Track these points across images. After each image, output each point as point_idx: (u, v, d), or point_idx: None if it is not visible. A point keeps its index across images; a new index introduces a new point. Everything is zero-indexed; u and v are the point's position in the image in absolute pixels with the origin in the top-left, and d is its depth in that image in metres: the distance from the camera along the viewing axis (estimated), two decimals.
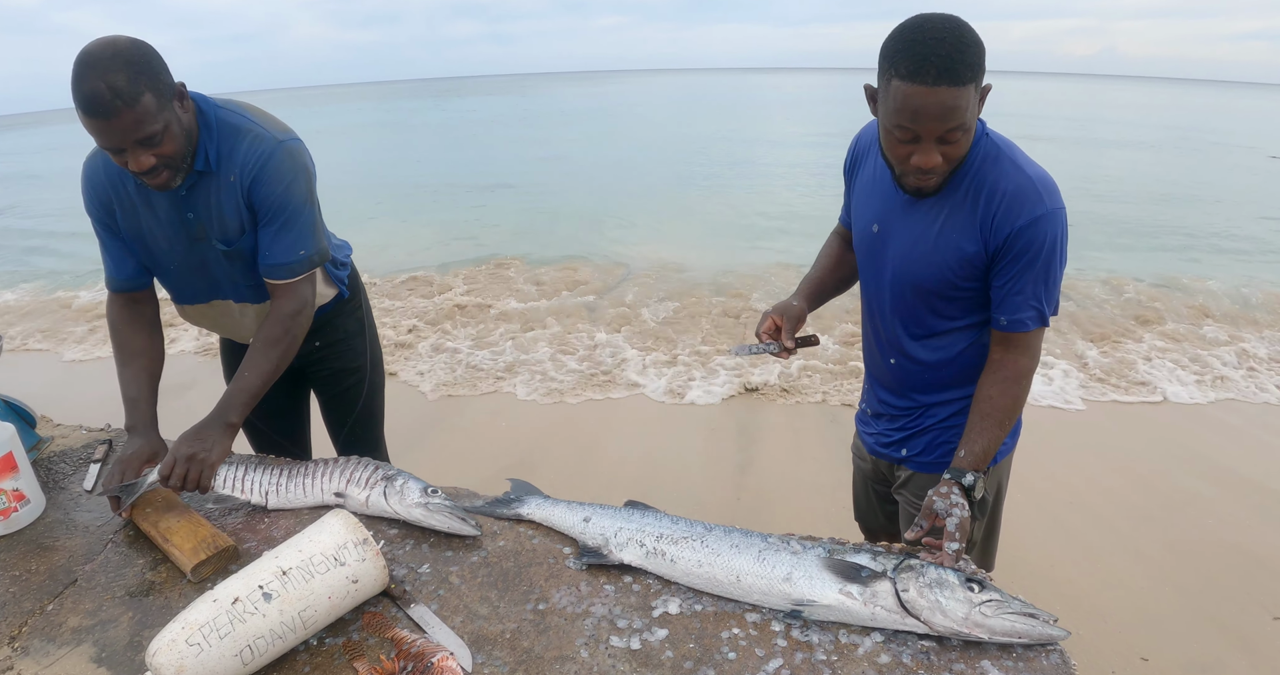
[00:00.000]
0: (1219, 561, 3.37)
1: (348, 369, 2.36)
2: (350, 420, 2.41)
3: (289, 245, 1.87)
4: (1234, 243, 9.81)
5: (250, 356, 1.86)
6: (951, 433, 1.82)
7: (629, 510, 1.61)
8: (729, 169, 16.41)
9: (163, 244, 1.91)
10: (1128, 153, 19.02)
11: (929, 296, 1.67)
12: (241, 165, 1.79)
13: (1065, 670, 1.28)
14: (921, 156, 1.47)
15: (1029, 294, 1.56)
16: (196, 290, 2.04)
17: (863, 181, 1.78)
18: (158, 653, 1.18)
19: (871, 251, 1.76)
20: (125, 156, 1.64)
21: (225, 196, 1.82)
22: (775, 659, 1.29)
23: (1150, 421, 4.84)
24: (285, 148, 1.83)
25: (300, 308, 1.91)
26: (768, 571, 1.41)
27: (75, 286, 8.50)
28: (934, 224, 1.61)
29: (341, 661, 1.30)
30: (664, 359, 5.74)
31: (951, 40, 1.36)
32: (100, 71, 1.53)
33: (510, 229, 10.85)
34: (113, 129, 1.58)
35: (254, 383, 1.83)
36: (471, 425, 4.81)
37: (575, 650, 1.31)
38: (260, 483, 1.73)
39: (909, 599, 1.34)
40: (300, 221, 1.88)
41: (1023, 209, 1.51)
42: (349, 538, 1.35)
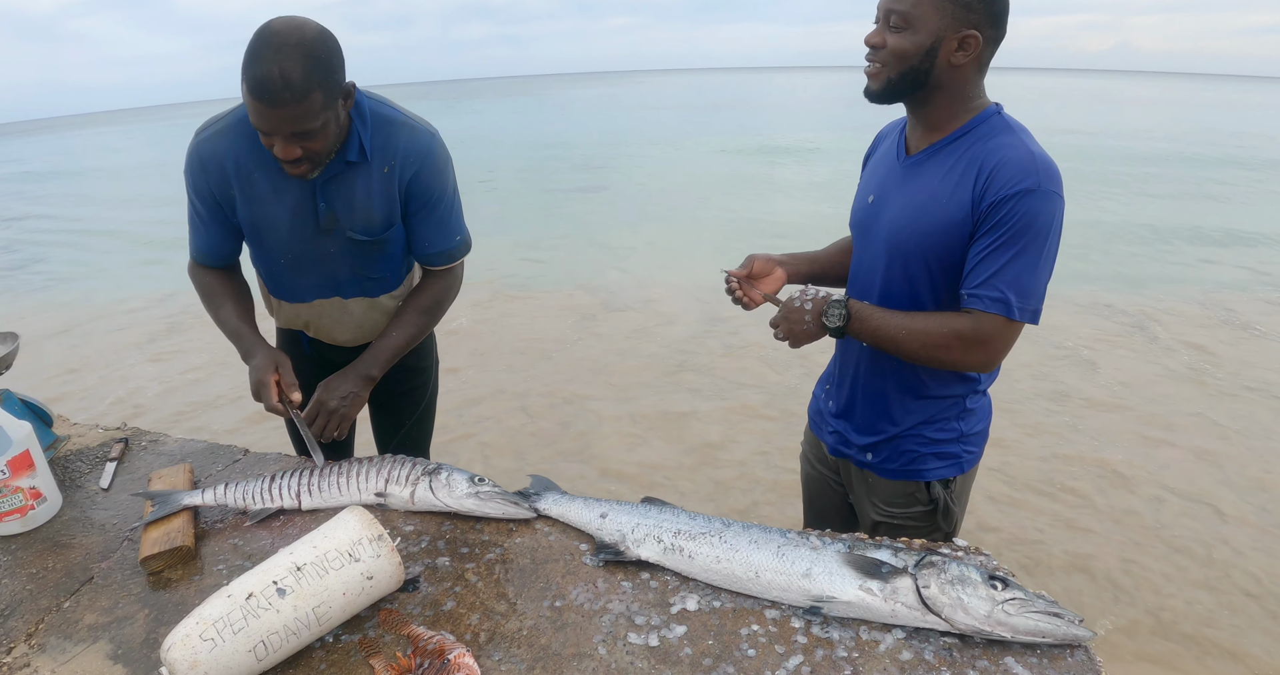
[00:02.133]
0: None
1: (417, 367, 2.32)
2: (410, 421, 2.37)
3: (448, 232, 1.97)
4: None
5: (400, 317, 1.98)
6: (915, 441, 1.76)
7: (646, 506, 1.59)
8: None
9: (283, 235, 1.87)
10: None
11: (918, 265, 1.60)
12: (403, 156, 1.80)
13: (1091, 668, 1.26)
14: (870, 33, 1.54)
15: (1001, 270, 1.46)
16: (305, 287, 2.01)
17: (871, 163, 1.81)
18: (172, 648, 1.18)
19: (866, 224, 1.73)
20: (273, 139, 1.61)
21: (376, 187, 1.82)
22: (795, 656, 1.27)
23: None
24: (439, 139, 1.89)
25: (453, 285, 2.05)
26: (787, 567, 1.39)
27: (91, 288, 8.57)
28: (928, 188, 1.57)
29: (358, 659, 1.29)
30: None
31: None
32: (279, 56, 1.49)
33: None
34: (273, 116, 1.54)
35: (399, 341, 1.94)
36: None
37: (593, 647, 1.30)
38: (290, 486, 1.71)
39: (930, 595, 1.31)
40: (455, 209, 1.98)
41: (1014, 178, 1.44)
42: (364, 534, 1.34)
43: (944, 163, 1.56)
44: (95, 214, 13.79)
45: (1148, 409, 4.92)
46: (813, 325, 1.63)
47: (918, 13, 1.46)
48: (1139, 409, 4.92)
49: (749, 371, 5.54)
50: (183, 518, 1.64)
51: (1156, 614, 3.04)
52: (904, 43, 1.49)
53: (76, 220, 13.35)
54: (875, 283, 1.70)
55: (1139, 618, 3.02)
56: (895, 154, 1.69)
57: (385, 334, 1.94)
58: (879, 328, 1.59)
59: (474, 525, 1.64)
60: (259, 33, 1.52)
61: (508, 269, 8.54)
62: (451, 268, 2.03)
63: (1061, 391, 5.16)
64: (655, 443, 4.52)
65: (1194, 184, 13.38)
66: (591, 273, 8.44)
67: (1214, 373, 5.44)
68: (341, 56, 1.61)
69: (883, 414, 1.78)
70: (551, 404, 5.08)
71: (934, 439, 1.75)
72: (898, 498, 1.81)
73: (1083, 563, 3.37)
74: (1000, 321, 1.48)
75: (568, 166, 16.60)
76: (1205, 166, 14.81)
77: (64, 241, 11.70)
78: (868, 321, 1.59)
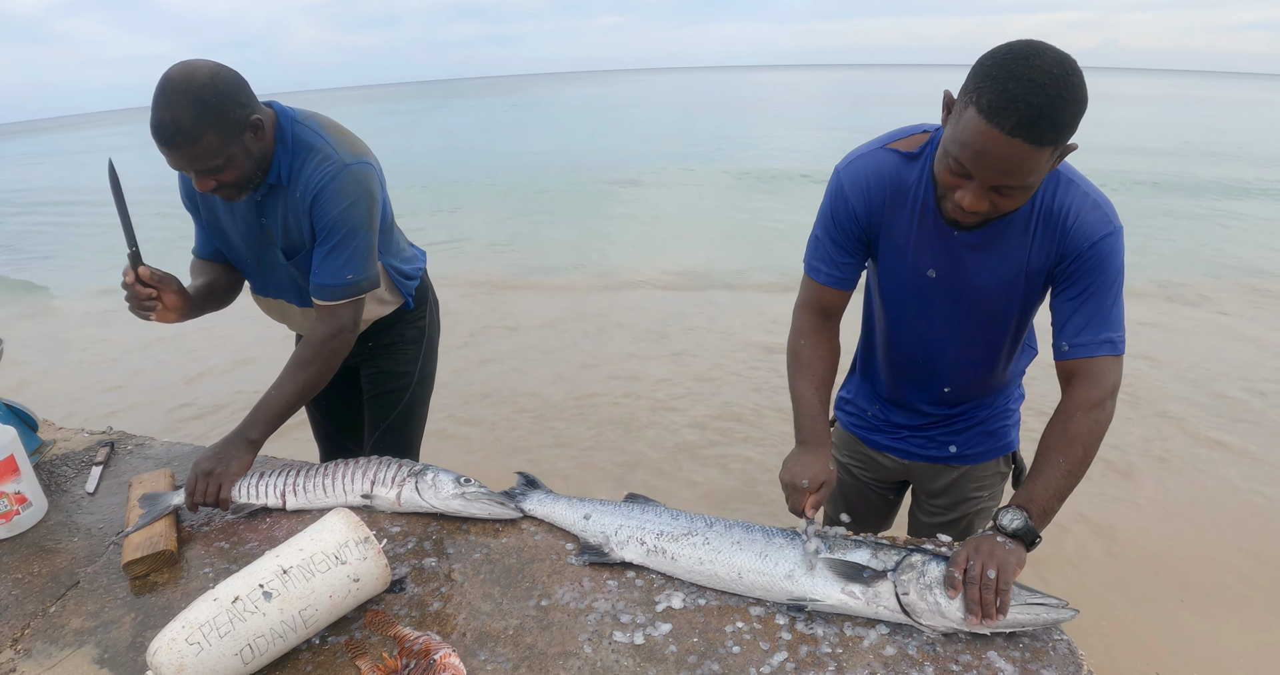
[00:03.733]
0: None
1: (395, 372, 2.33)
2: (384, 425, 2.38)
3: (338, 268, 1.85)
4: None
5: (280, 376, 1.87)
6: (1002, 419, 1.83)
7: (629, 506, 1.60)
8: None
9: (238, 241, 1.98)
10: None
11: (1000, 326, 1.61)
12: (305, 183, 1.81)
13: (1073, 660, 1.28)
14: (967, 196, 1.32)
15: (1095, 317, 1.46)
16: (266, 285, 2.11)
17: (900, 226, 1.57)
18: (158, 652, 1.18)
19: (927, 298, 1.61)
20: (190, 175, 1.72)
21: (291, 211, 1.86)
22: (780, 652, 1.28)
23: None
24: (350, 171, 1.82)
25: (337, 332, 1.89)
26: (770, 569, 1.40)
27: (76, 291, 8.53)
28: (1005, 259, 1.50)
29: (344, 660, 1.29)
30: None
31: (1053, 91, 1.18)
32: (170, 103, 1.59)
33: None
34: (173, 157, 1.65)
35: (278, 403, 1.83)
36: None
37: (579, 646, 1.30)
38: (275, 485, 1.72)
39: (909, 602, 1.33)
40: (352, 246, 1.86)
41: (1092, 230, 1.43)
42: (350, 536, 1.34)
43: (1013, 233, 1.48)
44: (85, 214, 13.71)
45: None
46: (1012, 544, 1.37)
47: (1035, 177, 1.28)
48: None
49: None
50: (165, 522, 1.64)
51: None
52: (1015, 203, 1.34)
53: (63, 221, 13.27)
54: (962, 342, 1.66)
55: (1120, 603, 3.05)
56: (945, 227, 1.50)
57: (265, 394, 1.85)
58: (1052, 495, 1.42)
59: (460, 526, 1.65)
60: (159, 82, 1.62)
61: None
62: (334, 307, 1.88)
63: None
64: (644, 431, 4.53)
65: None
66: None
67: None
68: (237, 94, 1.67)
69: (969, 412, 1.82)
70: (544, 404, 5.09)
71: (1010, 409, 1.84)
72: (987, 477, 1.88)
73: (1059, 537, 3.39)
74: (1111, 360, 1.47)
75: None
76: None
77: (49, 241, 11.64)
78: (1046, 500, 1.41)
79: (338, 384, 2.06)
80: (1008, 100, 1.18)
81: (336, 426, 2.53)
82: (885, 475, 2.00)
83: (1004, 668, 1.26)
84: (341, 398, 2.40)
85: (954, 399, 1.78)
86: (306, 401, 1.91)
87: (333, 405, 2.43)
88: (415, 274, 2.27)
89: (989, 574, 1.30)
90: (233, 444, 1.77)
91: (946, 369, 1.72)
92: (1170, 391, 5.03)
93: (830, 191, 1.61)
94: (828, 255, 1.65)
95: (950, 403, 1.80)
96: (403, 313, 2.28)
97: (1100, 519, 3.62)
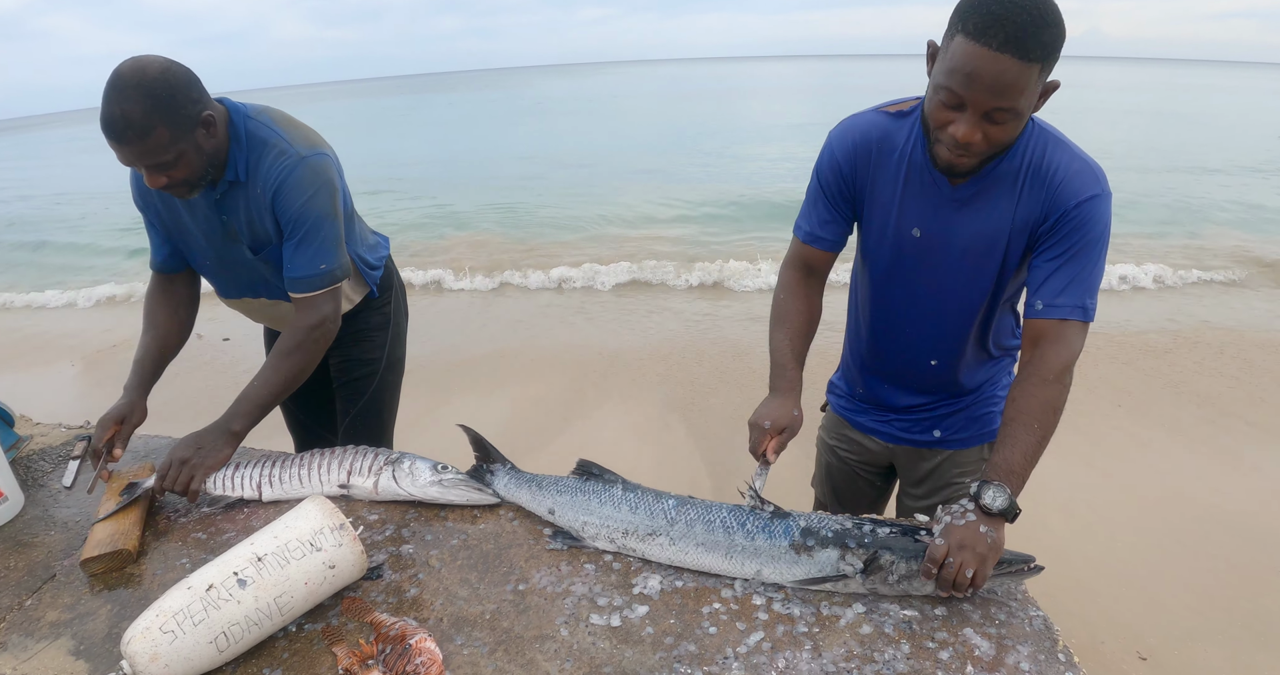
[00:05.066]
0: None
1: (362, 359, 2.35)
2: (354, 411, 2.40)
3: (309, 259, 1.86)
4: None
5: (263, 368, 1.87)
6: (989, 405, 1.83)
7: (588, 499, 1.54)
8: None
9: (201, 242, 1.96)
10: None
11: (992, 287, 1.60)
12: (264, 179, 1.82)
13: (1049, 636, 1.29)
14: (960, 127, 1.33)
15: (1075, 280, 1.46)
16: (234, 286, 2.10)
17: (886, 186, 1.59)
18: (132, 641, 1.18)
19: (913, 258, 1.62)
20: (141, 171, 1.70)
21: (253, 207, 1.86)
22: (756, 632, 1.29)
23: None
24: (307, 163, 1.83)
25: (319, 322, 1.89)
26: (737, 568, 1.41)
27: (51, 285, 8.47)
28: (993, 216, 1.50)
29: (321, 647, 1.29)
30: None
31: (1034, 12, 1.23)
32: (121, 98, 1.58)
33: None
34: (124, 152, 1.64)
35: (262, 394, 1.83)
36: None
37: (555, 629, 1.31)
38: (251, 477, 1.72)
39: (876, 591, 1.38)
40: (320, 236, 1.87)
41: (1080, 190, 1.44)
42: (325, 523, 1.34)
43: (1001, 188, 1.49)
44: (63, 211, 13.59)
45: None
46: (994, 530, 1.34)
47: (1027, 98, 1.30)
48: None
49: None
50: (134, 515, 1.62)
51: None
52: (1009, 132, 1.36)
53: (40, 219, 13.16)
54: (948, 305, 1.65)
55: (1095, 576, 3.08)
56: (932, 182, 1.53)
57: (249, 386, 1.85)
58: (1025, 458, 1.41)
59: (438, 513, 1.65)
60: (109, 77, 1.61)
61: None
62: (312, 298, 1.89)
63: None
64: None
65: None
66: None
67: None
68: (188, 90, 1.66)
69: (954, 396, 1.82)
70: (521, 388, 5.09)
71: (1000, 396, 1.82)
72: (971, 463, 1.88)
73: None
74: (1080, 326, 1.48)
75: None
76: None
77: (24, 240, 11.55)
78: (1019, 466, 1.40)
79: (313, 374, 2.05)
80: (993, 19, 1.23)
81: (310, 416, 2.55)
82: (871, 459, 2.01)
83: (980, 644, 1.27)
84: (312, 387, 2.39)
85: (940, 376, 1.77)
86: (290, 393, 1.90)
87: (304, 395, 2.43)
88: (379, 262, 2.29)
89: (967, 573, 1.29)
90: (213, 435, 1.77)
91: (931, 337, 1.71)
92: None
93: (821, 152, 1.65)
94: (813, 214, 1.69)
95: (937, 381, 1.78)
96: (368, 300, 2.30)
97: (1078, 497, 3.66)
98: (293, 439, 2.62)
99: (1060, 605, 2.86)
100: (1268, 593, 3.01)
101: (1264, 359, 5.28)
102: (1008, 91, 1.27)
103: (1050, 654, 1.25)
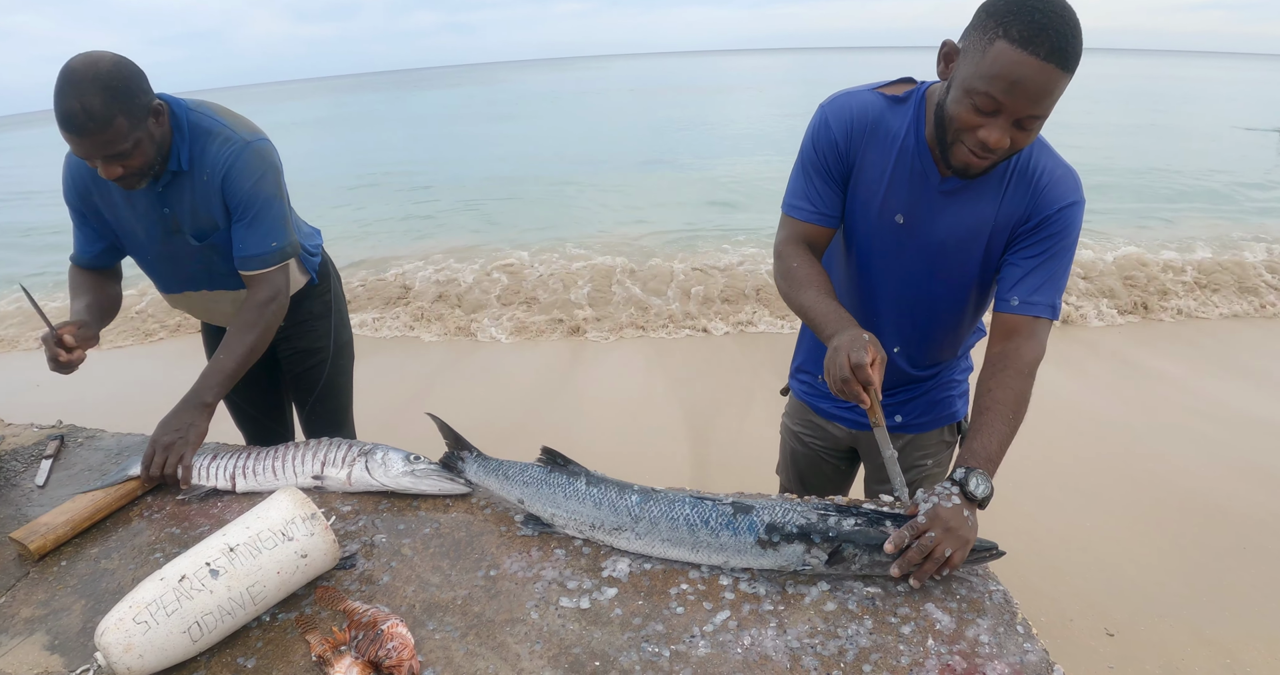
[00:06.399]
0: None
1: (310, 349, 2.44)
2: (311, 399, 2.48)
3: (261, 237, 1.97)
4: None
5: (226, 340, 1.94)
6: (948, 389, 1.87)
7: (553, 492, 1.53)
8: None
9: (141, 237, 2.02)
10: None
11: (968, 277, 1.63)
12: (212, 164, 1.89)
13: (1008, 609, 1.32)
14: (992, 133, 1.33)
15: (1049, 280, 1.52)
16: (175, 280, 2.16)
17: (874, 167, 1.58)
18: (105, 632, 1.19)
19: (891, 244, 1.63)
20: (95, 164, 1.76)
21: (199, 195, 1.92)
22: (723, 611, 1.32)
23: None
24: (253, 148, 1.93)
25: (274, 295, 2.01)
26: (703, 560, 1.43)
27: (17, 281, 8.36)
28: (977, 213, 1.54)
29: (294, 636, 1.31)
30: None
31: (1071, 21, 1.25)
32: (79, 92, 1.63)
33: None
34: (84, 144, 1.69)
35: (228, 364, 1.91)
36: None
37: (525, 612, 1.33)
38: (226, 467, 1.74)
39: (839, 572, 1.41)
40: (270, 215, 1.97)
41: (1062, 195, 1.49)
42: (297, 513, 1.36)
43: (988, 184, 1.52)
44: (31, 214, 13.42)
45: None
46: (973, 516, 1.38)
47: (1055, 104, 1.31)
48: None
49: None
50: (84, 513, 1.62)
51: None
52: (1031, 139, 1.38)
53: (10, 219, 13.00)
54: (919, 295, 1.68)
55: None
56: (921, 172, 1.54)
57: (214, 359, 1.92)
58: (1000, 444, 1.45)
59: (411, 502, 1.67)
60: (60, 74, 1.65)
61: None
62: (265, 274, 2.00)
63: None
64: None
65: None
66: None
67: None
68: (140, 80, 1.74)
69: (912, 383, 1.85)
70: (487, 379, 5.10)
71: (956, 380, 1.88)
72: (932, 446, 1.93)
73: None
74: (1048, 323, 1.54)
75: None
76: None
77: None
78: (995, 452, 1.44)
79: (255, 370, 2.14)
80: (1039, 28, 1.23)
81: (259, 411, 2.59)
82: (834, 444, 2.04)
83: (941, 618, 1.30)
84: (260, 382, 2.48)
85: (898, 365, 1.79)
86: (252, 364, 1.97)
87: (251, 390, 2.49)
88: (316, 250, 2.38)
89: (945, 552, 1.32)
90: (187, 411, 1.81)
91: (897, 324, 1.73)
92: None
93: (813, 124, 1.63)
94: (808, 190, 1.65)
95: (894, 370, 1.80)
96: (309, 288, 2.38)
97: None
98: (243, 436, 2.65)
99: (1029, 584, 2.93)
100: (1232, 569, 3.09)
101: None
102: (1045, 100, 1.28)
103: (1009, 626, 1.28)
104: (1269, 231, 8.64)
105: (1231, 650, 2.67)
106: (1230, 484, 3.69)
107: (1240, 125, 19.10)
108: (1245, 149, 15.34)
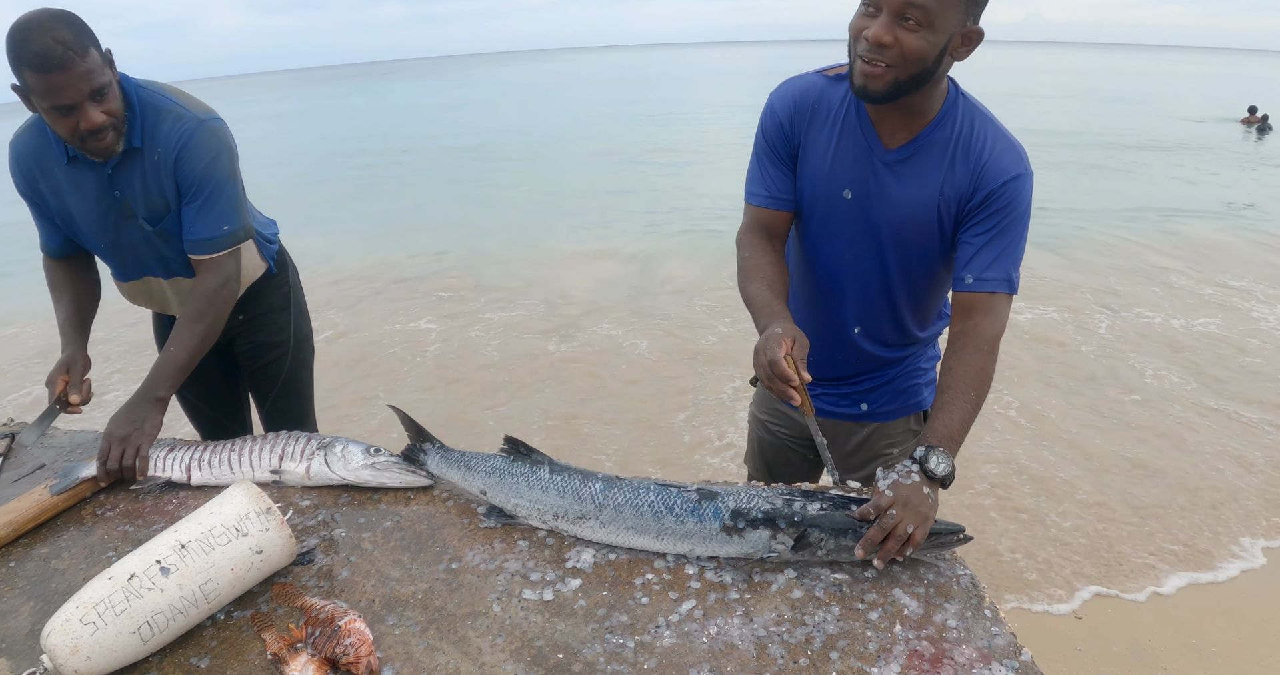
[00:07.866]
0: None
1: (270, 343, 2.38)
2: (272, 394, 2.43)
3: (213, 221, 1.91)
4: None
5: (176, 331, 1.90)
6: (914, 377, 1.86)
7: (515, 481, 1.51)
8: None
9: (92, 225, 1.95)
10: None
11: (916, 252, 1.62)
12: (164, 143, 1.84)
13: (976, 594, 1.32)
14: (874, 28, 1.36)
15: (1002, 254, 1.52)
16: (127, 267, 2.09)
17: (818, 144, 1.61)
18: (51, 634, 1.15)
19: (841, 220, 1.64)
20: (77, 117, 1.67)
21: (150, 175, 1.87)
22: (689, 600, 1.31)
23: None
24: (207, 126, 1.87)
25: (224, 282, 1.94)
26: (669, 548, 1.41)
27: None
28: (922, 185, 1.55)
29: (249, 634, 1.27)
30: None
31: None
32: (45, 31, 1.60)
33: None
34: (69, 81, 1.63)
35: (180, 356, 1.86)
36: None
37: (487, 605, 1.31)
38: (181, 459, 1.70)
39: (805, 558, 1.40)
40: (223, 197, 1.91)
41: (1007, 168, 1.50)
42: (251, 508, 1.32)
43: (932, 156, 1.54)
44: None
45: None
46: (934, 494, 1.39)
47: (941, 10, 1.33)
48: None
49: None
50: (29, 513, 1.57)
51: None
52: (921, 43, 1.36)
53: None
54: (873, 271, 1.68)
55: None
56: (865, 145, 1.56)
57: (165, 350, 1.88)
58: (962, 422, 1.46)
59: (371, 495, 1.64)
60: (12, 30, 1.63)
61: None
62: (216, 259, 1.93)
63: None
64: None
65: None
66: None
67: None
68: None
69: (877, 370, 1.84)
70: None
71: (924, 368, 1.87)
72: (898, 434, 1.91)
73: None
74: (1007, 298, 1.55)
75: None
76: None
77: None
78: (957, 429, 1.46)
79: (210, 366, 2.10)
80: None
81: (216, 409, 2.52)
82: (801, 432, 2.03)
83: (908, 604, 1.30)
84: (216, 380, 2.42)
85: (861, 347, 1.79)
86: (204, 354, 1.92)
87: (207, 388, 2.43)
88: (274, 238, 2.34)
89: (907, 529, 1.31)
90: (140, 405, 1.77)
91: (857, 303, 1.73)
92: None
93: (763, 112, 1.67)
94: (761, 175, 1.69)
95: (858, 353, 1.80)
96: (267, 278, 2.33)
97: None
98: (199, 434, 2.58)
99: (989, 566, 2.96)
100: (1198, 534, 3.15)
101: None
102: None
103: (977, 610, 1.28)
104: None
105: (1197, 630, 2.71)
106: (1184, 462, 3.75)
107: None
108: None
